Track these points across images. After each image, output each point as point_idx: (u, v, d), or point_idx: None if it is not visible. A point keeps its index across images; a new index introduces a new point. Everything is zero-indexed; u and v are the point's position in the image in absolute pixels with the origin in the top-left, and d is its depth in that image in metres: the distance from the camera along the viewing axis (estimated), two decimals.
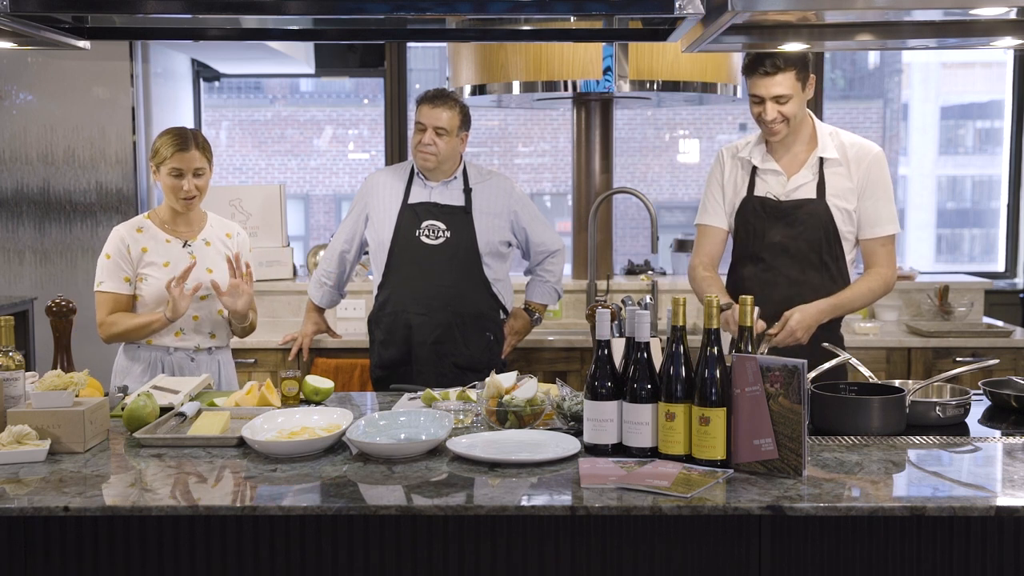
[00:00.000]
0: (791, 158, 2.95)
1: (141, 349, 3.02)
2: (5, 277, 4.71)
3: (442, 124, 3.32)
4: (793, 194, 2.92)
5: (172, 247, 3.02)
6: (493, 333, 3.44)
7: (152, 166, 2.98)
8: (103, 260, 3.00)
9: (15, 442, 2.13)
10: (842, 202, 2.90)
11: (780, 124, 2.87)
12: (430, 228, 3.36)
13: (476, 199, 3.41)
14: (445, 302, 3.34)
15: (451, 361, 3.35)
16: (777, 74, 2.82)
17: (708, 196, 3.06)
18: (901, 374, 4.04)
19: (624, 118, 9.34)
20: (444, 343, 3.34)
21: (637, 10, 2.42)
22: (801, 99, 2.88)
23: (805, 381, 1.98)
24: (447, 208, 3.38)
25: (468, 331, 3.37)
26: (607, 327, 2.17)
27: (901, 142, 10.70)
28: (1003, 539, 2.00)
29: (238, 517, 2.00)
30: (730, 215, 3.02)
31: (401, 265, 3.38)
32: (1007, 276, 5.52)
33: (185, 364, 3.03)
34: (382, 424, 2.28)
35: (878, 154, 2.92)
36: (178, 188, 2.95)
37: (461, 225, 3.37)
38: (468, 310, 3.37)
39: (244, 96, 10.59)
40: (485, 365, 3.29)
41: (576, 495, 1.91)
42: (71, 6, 2.44)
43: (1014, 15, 2.29)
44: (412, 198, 3.40)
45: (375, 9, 2.44)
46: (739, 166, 3.01)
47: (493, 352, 3.44)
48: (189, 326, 3.03)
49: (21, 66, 4.63)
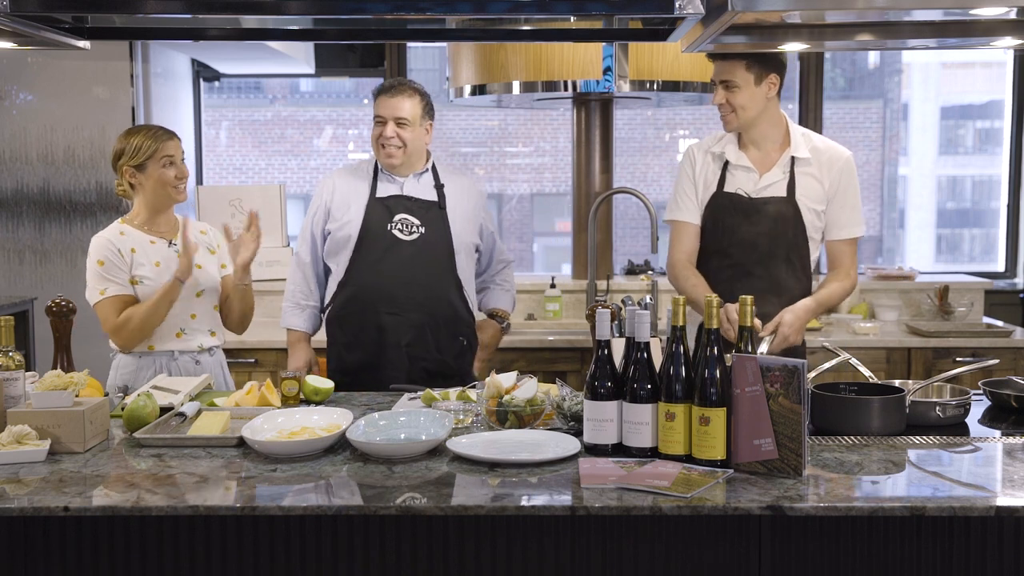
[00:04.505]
0: (763, 156, 2.98)
1: (145, 358, 2.96)
2: (5, 277, 4.71)
3: (403, 115, 3.08)
4: (763, 191, 2.95)
5: (159, 247, 2.98)
6: (466, 338, 3.20)
7: (128, 169, 2.91)
8: (96, 268, 2.90)
9: (15, 442, 2.13)
10: (811, 203, 2.94)
11: (729, 114, 2.91)
12: (404, 223, 3.11)
13: (449, 196, 3.18)
14: (419, 302, 3.09)
15: (422, 366, 3.10)
16: (725, 60, 2.88)
17: (680, 192, 3.07)
18: (901, 374, 4.04)
19: (624, 118, 9.33)
20: (416, 346, 3.10)
21: (637, 10, 2.43)
22: (753, 93, 2.89)
23: (805, 381, 1.98)
24: (421, 203, 3.14)
25: (441, 334, 3.13)
26: (607, 327, 2.17)
27: (901, 142, 10.70)
28: (1003, 539, 2.00)
29: (238, 517, 2.00)
30: (700, 210, 3.03)
31: (369, 261, 3.10)
32: (1007, 276, 5.52)
33: (191, 368, 2.99)
34: (382, 424, 2.29)
35: (849, 158, 2.98)
36: (169, 176, 2.93)
37: (436, 221, 3.13)
38: (442, 311, 3.13)
39: (244, 96, 10.59)
40: (455, 372, 3.10)
41: (576, 495, 1.91)
42: (71, 6, 2.44)
43: (1014, 15, 2.29)
44: (380, 192, 3.15)
45: (375, 9, 2.44)
46: (710, 161, 3.03)
47: (465, 358, 3.20)
48: (189, 325, 2.99)
49: (21, 66, 4.63)
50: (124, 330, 2.90)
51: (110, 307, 2.90)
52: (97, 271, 2.91)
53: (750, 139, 2.98)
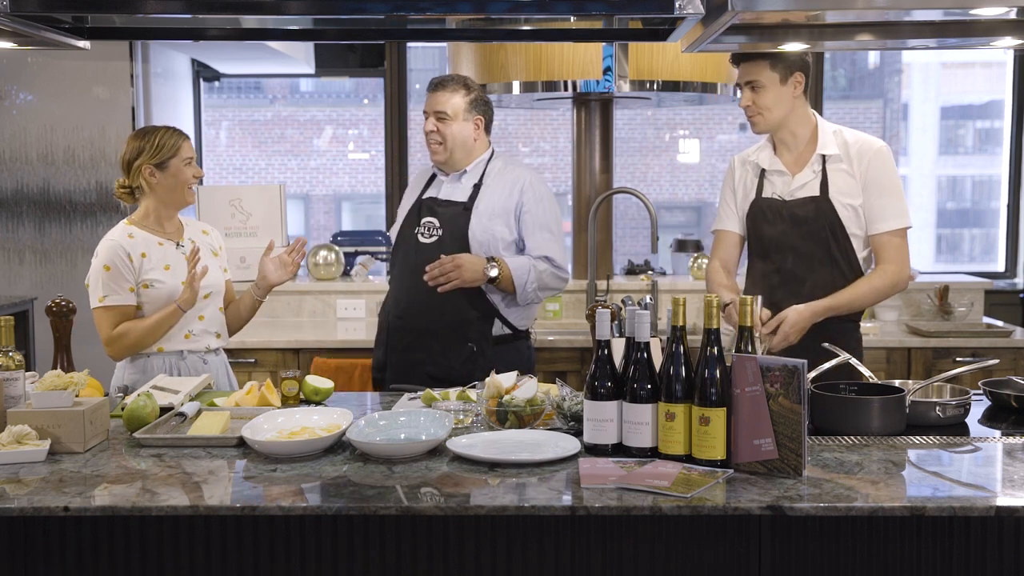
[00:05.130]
0: (795, 158, 2.96)
1: (153, 358, 2.93)
2: (5, 277, 4.71)
3: (443, 108, 3.11)
4: (797, 193, 2.92)
5: (167, 249, 2.96)
6: (476, 343, 3.10)
7: (148, 167, 2.88)
8: (101, 272, 2.85)
9: (15, 442, 2.13)
10: (846, 198, 2.89)
11: (757, 116, 2.90)
12: (427, 225, 3.14)
13: (483, 194, 3.14)
14: (422, 308, 3.08)
15: (424, 371, 3.08)
16: (751, 61, 2.86)
17: (722, 202, 3.11)
18: (901, 374, 4.04)
19: (624, 118, 9.33)
20: (416, 352, 3.10)
21: (637, 10, 2.42)
22: (780, 93, 2.87)
23: (805, 381, 1.98)
24: (446, 204, 3.15)
25: (447, 340, 3.08)
26: (607, 327, 2.17)
27: (901, 142, 10.70)
28: (1003, 539, 2.00)
29: (238, 517, 2.00)
30: (742, 219, 3.04)
31: (395, 264, 3.23)
32: (1007, 276, 5.52)
33: (199, 367, 2.99)
34: (382, 424, 2.28)
35: (881, 148, 2.89)
36: (188, 176, 2.94)
37: (456, 223, 3.11)
38: (449, 317, 3.08)
39: (244, 96, 10.59)
40: (464, 378, 2.94)
41: (576, 495, 1.91)
42: (71, 6, 2.44)
43: (1014, 15, 2.29)
44: (426, 194, 3.23)
45: (375, 9, 2.44)
46: (749, 171, 3.03)
47: (475, 364, 3.08)
48: (197, 327, 2.98)
49: (21, 66, 4.63)
50: (118, 343, 2.88)
51: (106, 317, 2.87)
52: (102, 276, 2.86)
53: (781, 141, 2.96)
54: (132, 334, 2.87)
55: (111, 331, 2.87)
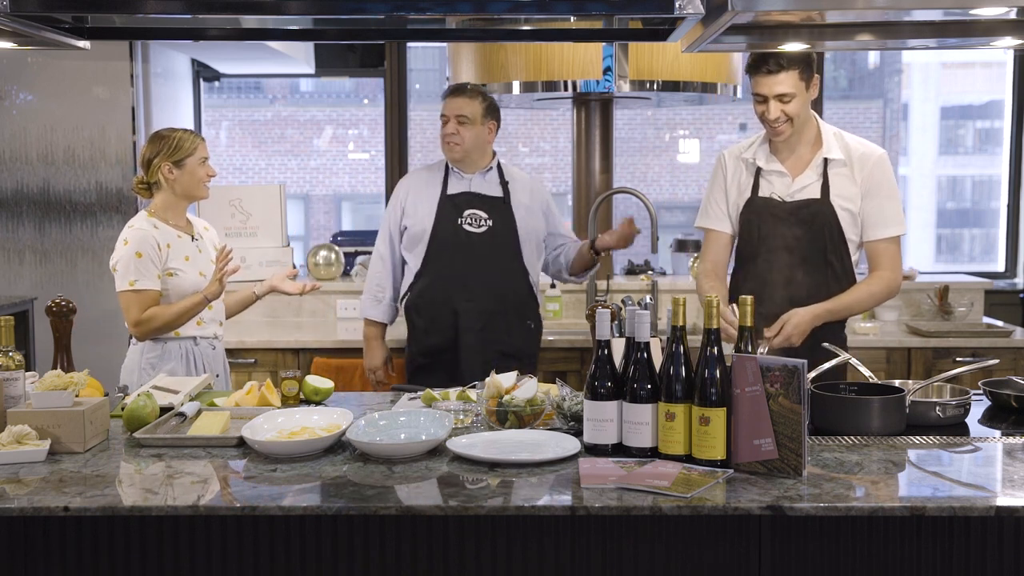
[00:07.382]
0: (795, 159, 2.94)
1: (171, 343, 3.09)
2: (5, 277, 4.71)
3: (463, 112, 3.37)
4: (797, 195, 2.91)
5: (184, 242, 3.13)
6: (533, 321, 3.49)
7: (166, 164, 3.07)
8: (133, 258, 3.00)
9: (15, 442, 2.13)
10: (846, 203, 2.89)
11: (784, 124, 2.86)
12: (473, 217, 3.41)
13: (513, 192, 3.47)
14: (489, 289, 3.38)
15: (496, 348, 3.37)
16: (780, 72, 2.81)
17: (710, 199, 3.06)
18: (901, 374, 4.04)
19: (624, 118, 9.34)
20: (489, 330, 3.38)
21: (637, 10, 2.42)
22: (805, 99, 2.87)
23: (805, 381, 1.98)
24: (488, 198, 3.44)
25: (511, 319, 3.42)
26: (607, 327, 2.17)
27: (901, 142, 10.71)
28: (1003, 539, 2.00)
29: (238, 517, 2.00)
30: (734, 217, 3.01)
31: (443, 253, 3.41)
32: (1007, 276, 5.52)
33: (208, 353, 3.16)
34: (382, 424, 2.28)
35: (882, 156, 2.92)
36: (203, 174, 3.13)
37: (502, 214, 3.43)
38: (511, 297, 3.42)
39: (244, 96, 10.60)
40: (526, 354, 3.41)
41: (576, 495, 1.91)
42: (71, 6, 2.43)
43: (1014, 15, 2.29)
44: (451, 189, 3.46)
45: (375, 9, 2.44)
46: (743, 168, 3.00)
47: (534, 340, 3.50)
48: (207, 315, 3.16)
49: (21, 66, 4.63)
50: (145, 326, 3.03)
51: (136, 301, 3.02)
52: (134, 261, 3.01)
53: (782, 141, 2.93)
54: (159, 319, 3.03)
55: (140, 314, 3.02)
